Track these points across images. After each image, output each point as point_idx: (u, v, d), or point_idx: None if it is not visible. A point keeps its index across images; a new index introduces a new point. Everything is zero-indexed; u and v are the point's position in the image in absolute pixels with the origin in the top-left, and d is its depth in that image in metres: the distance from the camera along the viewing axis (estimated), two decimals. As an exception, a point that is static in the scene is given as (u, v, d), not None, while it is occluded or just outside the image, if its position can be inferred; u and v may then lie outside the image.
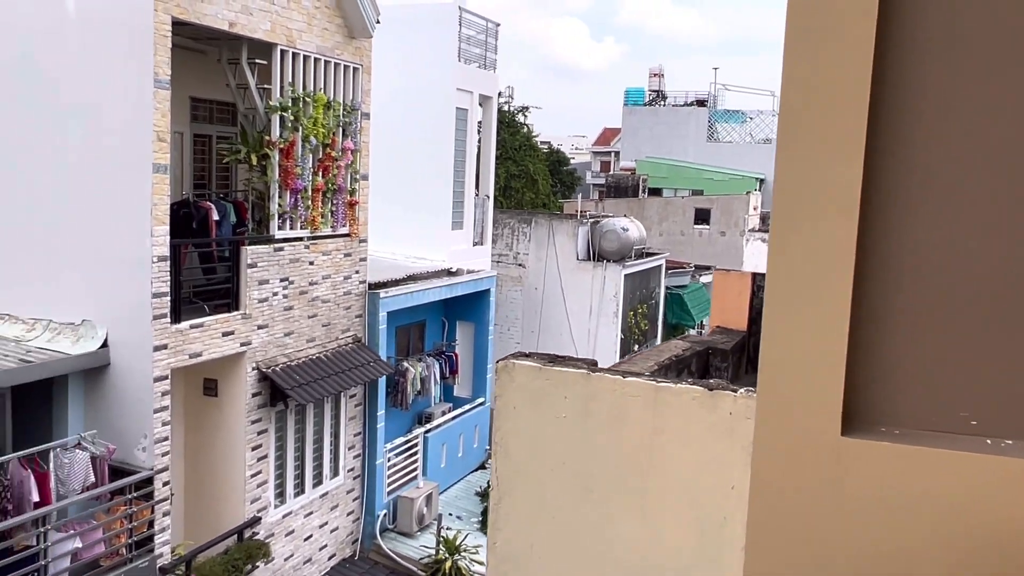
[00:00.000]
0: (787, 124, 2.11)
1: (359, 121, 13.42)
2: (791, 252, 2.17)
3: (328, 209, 12.95)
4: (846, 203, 2.01)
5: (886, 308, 2.05)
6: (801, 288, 2.14)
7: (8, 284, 10.73)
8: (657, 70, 51.79)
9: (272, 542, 12.15)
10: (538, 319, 21.89)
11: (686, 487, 3.32)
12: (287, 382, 11.93)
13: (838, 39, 1.96)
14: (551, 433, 3.51)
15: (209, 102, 13.29)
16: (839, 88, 1.97)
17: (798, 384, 2.18)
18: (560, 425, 3.49)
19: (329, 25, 12.63)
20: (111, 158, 10.11)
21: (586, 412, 3.45)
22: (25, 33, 10.44)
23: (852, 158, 1.99)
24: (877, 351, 2.05)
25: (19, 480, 8.91)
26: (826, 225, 2.05)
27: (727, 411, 3.25)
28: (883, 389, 2.07)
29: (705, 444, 3.29)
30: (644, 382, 3.37)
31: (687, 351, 6.70)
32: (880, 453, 1.92)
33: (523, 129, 38.95)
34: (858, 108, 1.95)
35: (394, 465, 14.92)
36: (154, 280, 10.04)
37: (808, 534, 2.18)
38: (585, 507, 3.47)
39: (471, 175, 18.97)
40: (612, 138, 62.88)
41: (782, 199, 2.20)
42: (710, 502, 3.27)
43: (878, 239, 2.02)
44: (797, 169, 2.11)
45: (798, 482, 2.14)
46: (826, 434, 2.04)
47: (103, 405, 10.28)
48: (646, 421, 3.36)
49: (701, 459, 3.29)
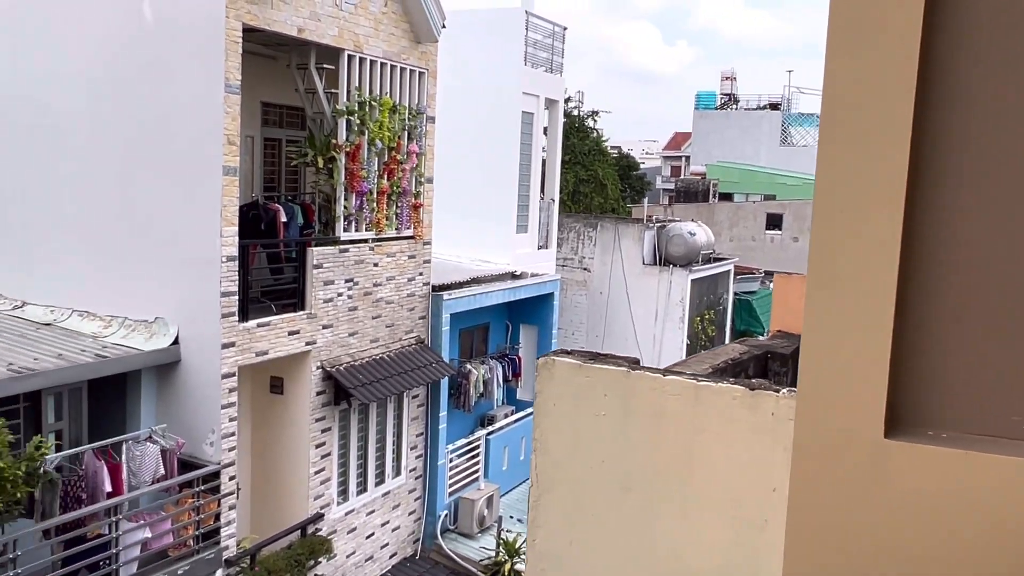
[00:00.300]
0: (830, 120, 2.06)
1: (424, 125, 13.58)
2: (833, 249, 2.12)
3: (393, 211, 13.13)
4: (890, 199, 1.96)
5: (932, 306, 1.98)
6: (843, 286, 2.08)
7: (87, 282, 11.16)
8: (729, 73, 51.12)
9: (334, 539, 12.35)
10: (603, 323, 21.79)
11: (726, 488, 3.27)
12: (351, 381, 12.12)
13: (883, 33, 1.91)
14: (591, 431, 3.49)
15: (279, 107, 13.61)
16: (883, 83, 1.92)
17: (839, 384, 2.12)
18: (600, 423, 3.47)
19: (395, 30, 12.82)
20: (184, 161, 10.44)
21: (626, 410, 3.42)
22: (107, 42, 10.86)
23: (897, 154, 1.93)
24: (922, 351, 1.98)
25: (93, 471, 9.24)
26: (869, 221, 2.00)
27: (769, 411, 3.18)
28: (928, 390, 2.00)
29: (746, 445, 3.22)
30: (685, 381, 3.32)
31: (744, 354, 6.59)
32: (925, 457, 1.85)
33: (593, 134, 38.82)
34: (903, 103, 1.89)
35: (456, 466, 15.02)
36: (223, 279, 10.32)
37: (848, 539, 2.12)
38: (624, 506, 3.44)
39: (536, 179, 19.00)
40: (683, 142, 62.25)
41: (824, 195, 2.15)
42: (751, 504, 3.21)
43: (924, 236, 1.96)
44: (840, 165, 2.06)
45: (838, 485, 2.08)
46: (868, 436, 1.98)
47: (173, 400, 10.61)
48: (686, 420, 3.31)
49: (742, 460, 3.23)
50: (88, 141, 11.08)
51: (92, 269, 11.17)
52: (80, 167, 11.15)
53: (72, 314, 11.13)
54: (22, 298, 11.61)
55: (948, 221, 1.94)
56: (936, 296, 1.96)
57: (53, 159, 11.34)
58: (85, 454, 9.28)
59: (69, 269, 11.31)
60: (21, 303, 11.57)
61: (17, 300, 11.62)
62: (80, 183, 11.18)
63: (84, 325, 10.94)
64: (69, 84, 11.13)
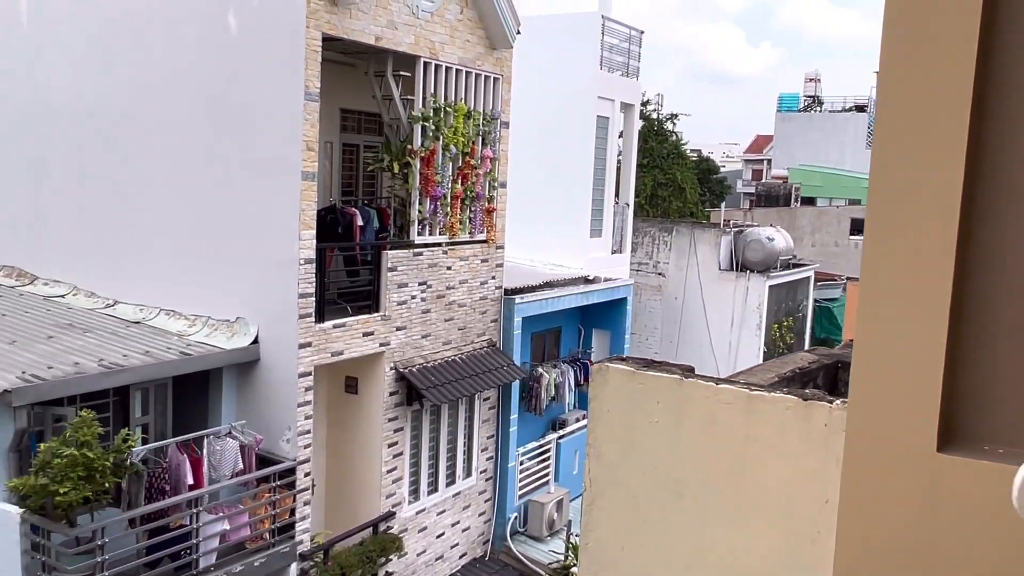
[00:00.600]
0: (883, 128, 2.06)
1: (498, 130, 13.72)
2: (886, 258, 2.12)
3: (466, 216, 13.30)
4: (945, 208, 1.95)
5: (987, 318, 1.96)
6: (896, 296, 2.08)
7: (174, 283, 11.64)
8: (813, 75, 49.96)
9: (405, 537, 12.56)
10: (677, 329, 21.58)
11: (778, 498, 3.25)
12: (423, 382, 12.32)
13: (939, 37, 1.91)
14: (643, 437, 3.52)
15: (358, 113, 13.94)
16: (939, 90, 1.92)
17: (892, 397, 2.12)
18: (652, 429, 3.49)
19: (471, 37, 12.99)
20: (265, 166, 10.79)
21: (679, 417, 3.44)
22: (195, 52, 11.31)
23: (952, 161, 1.93)
24: (977, 363, 1.96)
25: (176, 464, 9.63)
26: (923, 231, 1.99)
27: (822, 422, 3.16)
28: (983, 404, 1.98)
29: (799, 455, 3.21)
30: (737, 389, 3.32)
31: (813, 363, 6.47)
32: (979, 472, 1.84)
33: (672, 137, 38.45)
34: (958, 111, 1.88)
35: (526, 469, 15.10)
36: (301, 281, 10.63)
37: (899, 554, 2.12)
38: (676, 512, 3.46)
39: (611, 183, 18.96)
40: (765, 146, 61.11)
41: (877, 203, 2.15)
42: (803, 515, 3.19)
43: (979, 246, 1.94)
44: (894, 172, 2.06)
45: (890, 499, 2.08)
46: (921, 450, 1.97)
47: (252, 397, 10.97)
48: (739, 429, 3.31)
49: (794, 470, 3.21)
50: (177, 148, 11.55)
51: (179, 270, 11.64)
52: (169, 173, 11.64)
53: (160, 313, 11.62)
54: (114, 297, 12.17)
55: (1004, 231, 1.92)
56: (991, 307, 1.93)
57: (145, 166, 11.86)
58: (169, 447, 9.67)
59: (158, 270, 11.81)
60: (113, 302, 12.13)
61: (110, 299, 12.19)
62: (169, 188, 11.67)
63: (170, 324, 11.40)
64: (159, 93, 11.63)
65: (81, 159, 12.47)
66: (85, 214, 12.49)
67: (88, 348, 10.11)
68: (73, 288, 12.53)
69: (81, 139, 12.43)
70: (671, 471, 3.46)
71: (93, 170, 12.36)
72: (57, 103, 12.62)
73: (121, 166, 12.09)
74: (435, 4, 12.20)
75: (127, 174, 12.05)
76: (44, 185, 12.95)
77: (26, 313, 11.43)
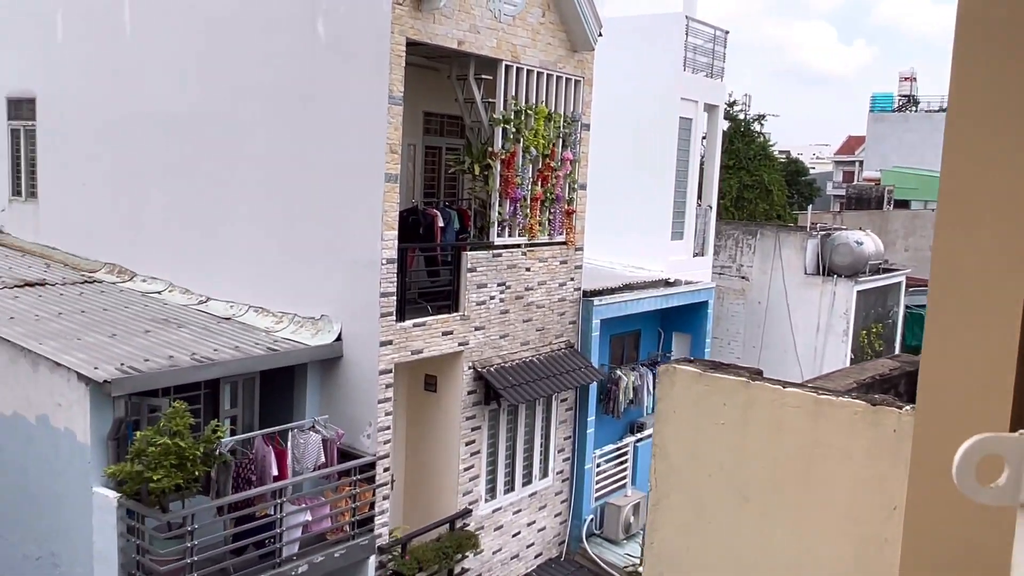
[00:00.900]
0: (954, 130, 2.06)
1: (579, 132, 13.75)
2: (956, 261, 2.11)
3: (546, 217, 13.37)
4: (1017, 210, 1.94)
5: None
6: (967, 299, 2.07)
7: (262, 281, 12.06)
8: (908, 73, 48.31)
9: (481, 535, 12.71)
10: (760, 334, 21.18)
11: (845, 504, 3.22)
12: (501, 382, 12.44)
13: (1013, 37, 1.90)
14: (709, 438, 3.53)
15: (440, 116, 14.17)
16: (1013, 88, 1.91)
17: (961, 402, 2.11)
18: (718, 431, 3.50)
19: (552, 40, 13.06)
20: (349, 168, 11.09)
21: (745, 420, 3.43)
22: (285, 58, 11.70)
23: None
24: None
25: (262, 455, 9.98)
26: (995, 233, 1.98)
27: (891, 428, 3.12)
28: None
29: (867, 461, 3.17)
30: (804, 393, 3.30)
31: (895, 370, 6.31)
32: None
33: (759, 138, 37.73)
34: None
35: (603, 471, 15.08)
36: (383, 281, 10.88)
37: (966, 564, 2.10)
38: (741, 514, 3.45)
39: (694, 185, 18.76)
40: (856, 147, 59.36)
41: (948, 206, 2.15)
42: (870, 522, 3.15)
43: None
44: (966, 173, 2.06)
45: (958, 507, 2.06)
46: None
47: (335, 393, 11.28)
48: (805, 433, 3.29)
49: (862, 476, 3.18)
50: (266, 151, 11.96)
51: (267, 269, 12.05)
52: (259, 175, 12.07)
53: (249, 310, 12.06)
54: (207, 294, 12.68)
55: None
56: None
57: (236, 169, 12.32)
58: (256, 439, 10.03)
59: (247, 268, 12.25)
60: (206, 298, 12.64)
61: (203, 296, 12.71)
62: (258, 190, 12.10)
63: (259, 320, 11.82)
64: (250, 98, 12.07)
65: (178, 162, 13.04)
66: (181, 215, 13.05)
67: (182, 342, 10.57)
68: (169, 285, 13.11)
69: (178, 143, 12.99)
70: (736, 474, 3.46)
71: (188, 173, 12.90)
72: (156, 109, 13.22)
73: (214, 169, 12.58)
74: (517, 8, 12.32)
75: (220, 176, 12.54)
76: (144, 187, 13.58)
77: (126, 308, 12.01)
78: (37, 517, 9.96)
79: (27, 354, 9.77)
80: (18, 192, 15.76)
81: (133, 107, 13.57)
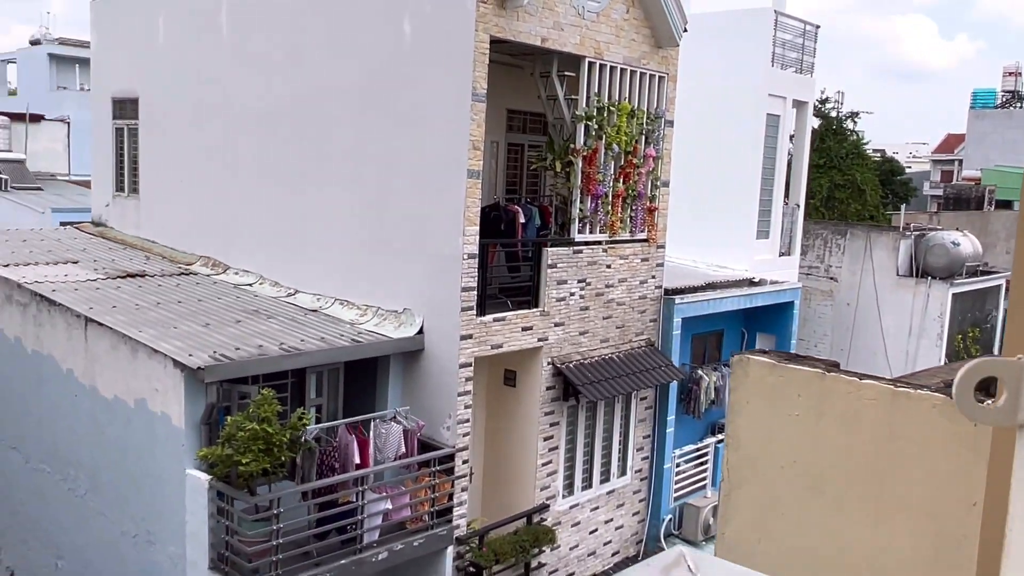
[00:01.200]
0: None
1: (662, 128, 13.65)
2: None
3: (627, 214, 13.32)
4: None
5: None
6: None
7: (347, 274, 12.37)
8: (1013, 68, 46.20)
9: (559, 530, 12.75)
10: (849, 337, 20.62)
11: (923, 499, 3.16)
12: (579, 378, 12.46)
13: None
14: (783, 430, 3.50)
15: (523, 113, 14.27)
16: None
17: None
18: (792, 423, 3.47)
19: (636, 36, 13.00)
20: (433, 164, 11.27)
21: (819, 412, 3.40)
22: (372, 56, 11.97)
23: None
24: None
25: (345, 443, 10.24)
26: None
27: (971, 422, 3.04)
28: None
29: (946, 455, 3.10)
30: (882, 386, 3.25)
31: (987, 371, 6.05)
32: None
33: (852, 136, 36.66)
34: None
35: (682, 471, 14.94)
36: (464, 276, 11.03)
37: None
38: (815, 507, 3.42)
39: (781, 183, 18.40)
40: (956, 145, 57.05)
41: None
42: (949, 517, 3.09)
43: None
44: None
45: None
46: None
47: (416, 385, 11.49)
48: (882, 426, 3.24)
49: (941, 471, 3.11)
50: (353, 147, 12.26)
51: (352, 263, 12.35)
52: (345, 171, 12.38)
53: (334, 302, 12.39)
54: (295, 287, 13.08)
55: None
56: None
57: (323, 165, 12.67)
58: (339, 428, 10.29)
59: (333, 262, 12.59)
60: (294, 291, 13.03)
61: (291, 288, 13.11)
62: (344, 185, 12.41)
63: (344, 312, 12.13)
64: (338, 96, 12.39)
65: (269, 159, 13.48)
66: (271, 210, 13.49)
67: (271, 332, 10.94)
68: (260, 278, 13.57)
69: (269, 140, 13.43)
70: (810, 466, 3.43)
71: (278, 169, 13.33)
72: (249, 106, 13.69)
73: (303, 165, 12.96)
74: (601, 4, 12.31)
75: (308, 173, 12.90)
76: (237, 183, 14.09)
77: (219, 299, 12.49)
78: (135, 496, 10.46)
79: (127, 341, 10.26)
80: (121, 188, 16.53)
81: (227, 106, 14.09)
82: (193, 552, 9.52)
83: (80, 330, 10.98)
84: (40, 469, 12.12)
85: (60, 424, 11.63)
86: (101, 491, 11.01)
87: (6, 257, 13.51)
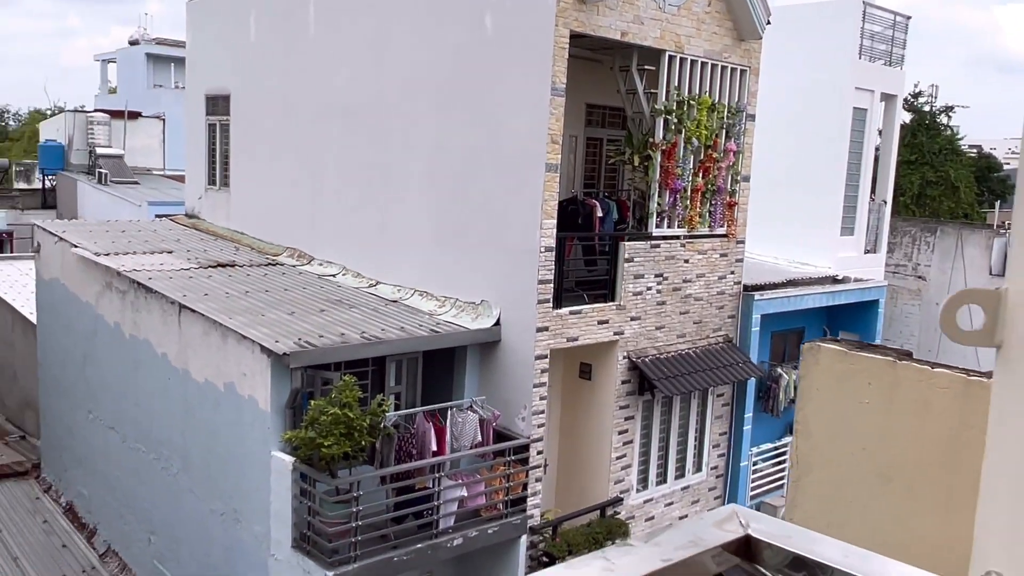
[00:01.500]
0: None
1: (743, 123, 13.49)
2: None
3: (706, 209, 13.22)
4: None
5: None
6: None
7: (427, 266, 12.62)
8: (1123, 59, 43.80)
9: (632, 524, 12.76)
10: (938, 337, 19.96)
11: (995, 489, 3.12)
12: (655, 373, 12.44)
13: None
14: (852, 418, 3.50)
15: (602, 108, 14.29)
16: None
17: None
18: (862, 411, 3.47)
19: (718, 29, 12.88)
20: (512, 158, 11.41)
21: (890, 400, 3.39)
22: (453, 51, 12.18)
23: None
24: None
25: (423, 431, 10.48)
26: None
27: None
28: None
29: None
30: (954, 374, 3.23)
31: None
32: None
33: (945, 131, 35.37)
34: None
35: (759, 470, 14.75)
36: (541, 268, 11.14)
37: None
38: (884, 496, 3.42)
39: (867, 178, 17.94)
40: (1059, 141, 54.29)
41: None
42: (1022, 508, 3.05)
43: None
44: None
45: None
46: None
47: (492, 376, 11.66)
48: (954, 415, 3.22)
49: (1014, 461, 3.07)
50: (434, 141, 12.50)
51: (432, 255, 12.60)
52: (426, 165, 12.63)
53: (414, 293, 12.66)
54: (376, 278, 13.41)
55: None
56: None
57: (405, 158, 12.95)
58: (417, 415, 10.55)
59: (414, 254, 12.86)
60: (375, 282, 13.36)
61: (372, 279, 13.44)
62: (425, 179, 12.66)
63: (423, 303, 12.38)
64: (420, 90, 12.64)
65: (353, 153, 13.84)
66: (354, 203, 13.85)
67: (352, 322, 11.26)
68: (343, 269, 13.95)
69: (353, 135, 13.79)
70: (880, 454, 3.42)
71: (362, 162, 13.67)
72: (334, 103, 14.08)
73: (385, 159, 13.27)
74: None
75: (390, 166, 13.21)
76: (322, 177, 14.51)
77: (304, 289, 12.90)
78: (223, 476, 10.92)
79: (218, 327, 10.72)
80: (213, 182, 17.19)
81: (313, 101, 14.51)
82: (277, 531, 9.90)
83: (174, 316, 11.51)
84: (136, 448, 12.75)
85: (154, 406, 12.21)
86: (191, 470, 11.53)
87: (107, 247, 14.22)
